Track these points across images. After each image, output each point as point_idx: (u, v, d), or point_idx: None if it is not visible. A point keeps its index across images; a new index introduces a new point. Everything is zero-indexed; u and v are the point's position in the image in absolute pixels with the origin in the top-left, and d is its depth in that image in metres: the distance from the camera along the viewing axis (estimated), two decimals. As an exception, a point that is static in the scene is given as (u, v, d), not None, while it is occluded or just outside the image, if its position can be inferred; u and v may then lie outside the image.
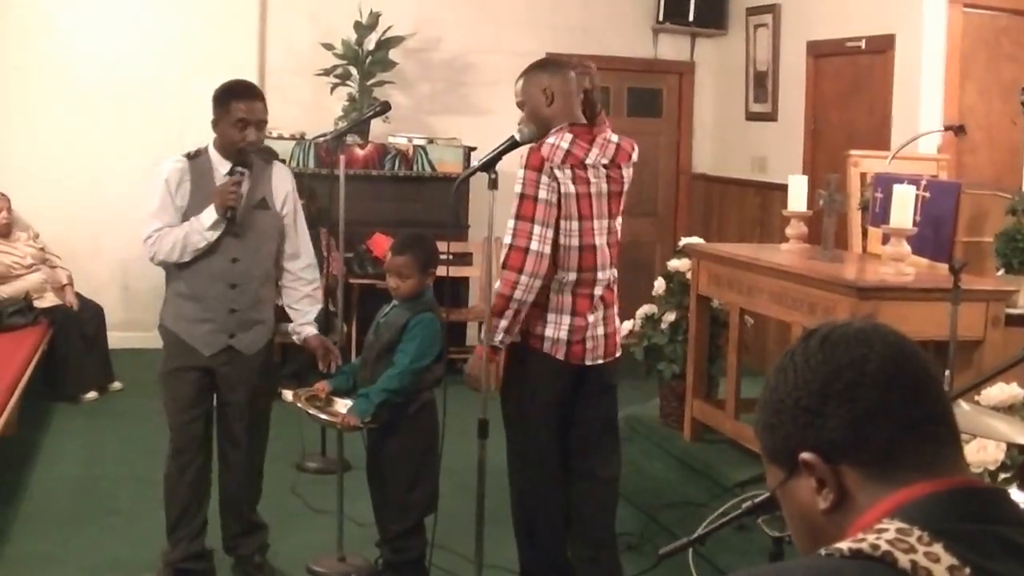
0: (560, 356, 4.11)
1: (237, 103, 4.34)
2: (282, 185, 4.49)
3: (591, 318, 4.14)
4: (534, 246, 3.95)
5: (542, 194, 3.97)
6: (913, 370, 1.32)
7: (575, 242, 4.07)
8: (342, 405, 4.35)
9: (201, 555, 4.49)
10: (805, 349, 1.34)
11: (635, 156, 4.30)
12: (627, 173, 4.26)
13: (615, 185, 4.20)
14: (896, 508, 1.25)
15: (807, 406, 1.31)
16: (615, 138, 4.24)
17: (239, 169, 4.31)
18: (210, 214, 4.25)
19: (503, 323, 3.98)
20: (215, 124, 4.38)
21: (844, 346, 1.32)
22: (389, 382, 4.21)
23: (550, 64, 4.28)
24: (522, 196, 3.98)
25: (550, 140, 4.03)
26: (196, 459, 4.43)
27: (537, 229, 3.96)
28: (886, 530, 1.21)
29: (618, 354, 4.33)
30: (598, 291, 4.16)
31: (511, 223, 3.99)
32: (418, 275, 4.30)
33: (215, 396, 4.46)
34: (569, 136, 4.07)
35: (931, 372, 1.34)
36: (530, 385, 4.15)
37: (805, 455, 1.31)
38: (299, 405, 4.35)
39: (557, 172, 4.00)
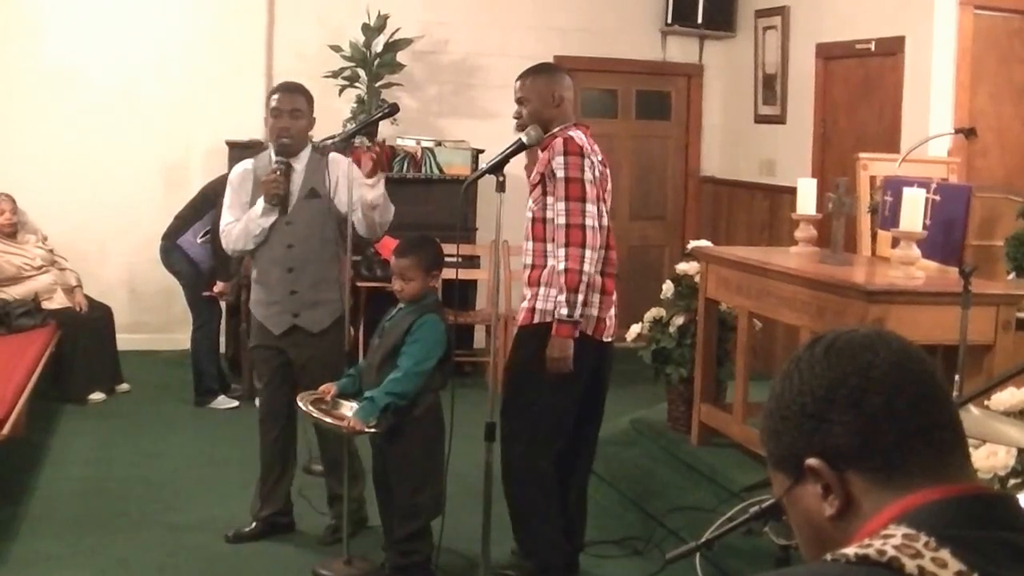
0: (590, 332, 4.34)
1: (273, 95, 4.91)
2: (333, 173, 4.83)
3: (614, 297, 4.45)
4: (589, 222, 4.20)
5: (587, 175, 4.22)
6: (919, 376, 1.31)
7: (605, 222, 4.34)
8: (348, 408, 4.34)
9: (282, 511, 5.03)
10: (810, 356, 1.34)
11: None
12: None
13: (606, 181, 4.49)
14: (902, 514, 1.24)
15: (813, 412, 1.31)
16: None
17: (279, 159, 4.74)
18: (260, 203, 4.74)
19: (580, 297, 4.19)
20: (265, 123, 4.97)
21: (849, 352, 1.32)
22: (393, 385, 4.21)
23: (556, 68, 4.61)
24: (569, 179, 4.20)
25: (572, 134, 4.29)
26: (274, 429, 4.96)
27: (589, 207, 4.21)
28: (892, 536, 1.20)
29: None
30: (616, 271, 4.47)
31: (561, 205, 4.20)
32: (422, 277, 4.31)
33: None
34: (581, 132, 4.35)
35: (937, 378, 1.33)
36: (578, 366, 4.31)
37: (811, 461, 1.30)
38: (303, 408, 4.34)
39: (592, 158, 4.28)
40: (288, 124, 4.73)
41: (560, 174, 4.20)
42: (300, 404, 4.38)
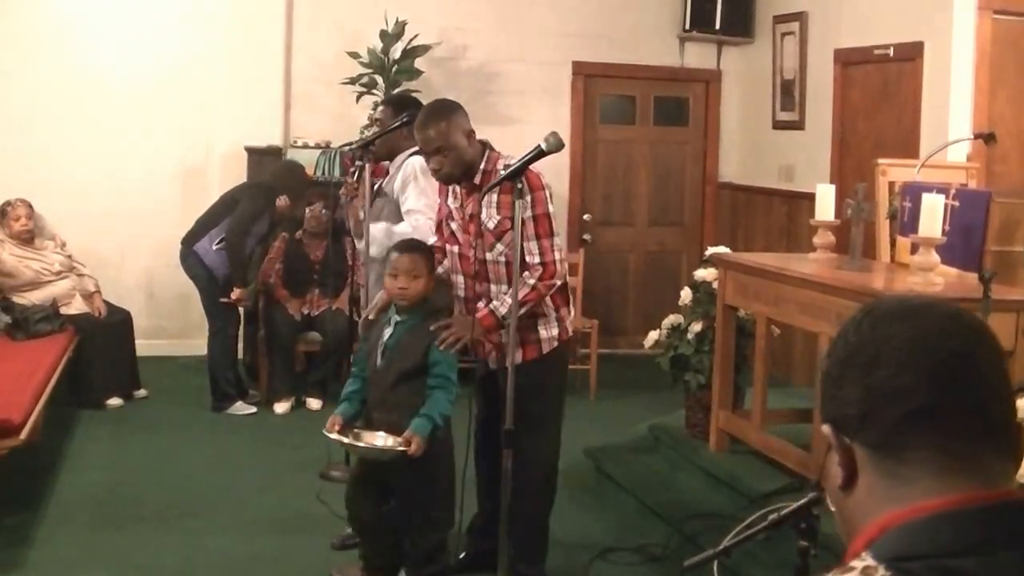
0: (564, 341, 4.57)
1: None
2: (401, 172, 5.23)
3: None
4: (558, 256, 4.30)
5: (550, 208, 4.32)
6: (947, 355, 1.22)
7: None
8: (371, 435, 4.25)
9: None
10: (852, 320, 1.31)
11: None
12: None
13: None
14: (896, 526, 1.19)
15: (834, 377, 1.29)
16: None
17: (359, 163, 5.29)
18: None
19: (523, 310, 4.22)
20: None
21: (884, 321, 1.27)
22: (445, 407, 4.21)
23: (453, 104, 4.48)
24: (537, 217, 4.25)
25: (503, 161, 4.36)
26: None
27: (557, 241, 4.33)
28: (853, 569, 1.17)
29: None
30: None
31: (534, 244, 4.25)
32: (427, 275, 4.30)
33: None
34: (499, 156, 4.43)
35: (977, 361, 1.24)
36: (562, 374, 4.60)
37: (824, 427, 1.30)
38: (338, 441, 4.23)
39: (550, 189, 4.37)
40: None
41: (529, 212, 4.23)
42: (331, 437, 4.25)
